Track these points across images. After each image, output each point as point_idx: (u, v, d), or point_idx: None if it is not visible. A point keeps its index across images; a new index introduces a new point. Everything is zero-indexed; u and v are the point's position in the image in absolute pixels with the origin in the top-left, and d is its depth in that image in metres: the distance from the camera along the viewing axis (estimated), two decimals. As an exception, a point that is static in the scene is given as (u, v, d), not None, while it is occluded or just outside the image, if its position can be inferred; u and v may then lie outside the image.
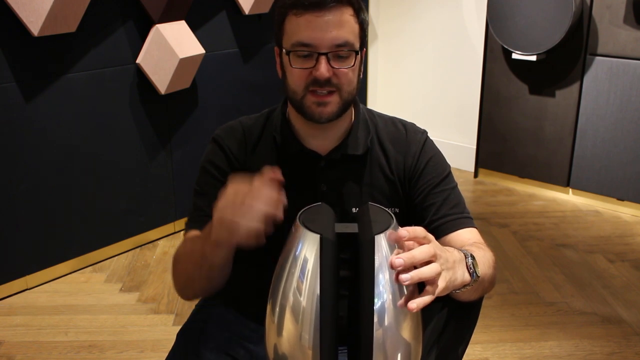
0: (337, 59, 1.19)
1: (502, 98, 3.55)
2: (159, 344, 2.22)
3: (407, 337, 0.99)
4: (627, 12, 3.04)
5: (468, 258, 1.08)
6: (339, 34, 1.18)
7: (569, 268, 2.73)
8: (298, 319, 0.98)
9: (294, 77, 1.22)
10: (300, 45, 1.19)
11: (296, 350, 0.98)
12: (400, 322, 0.98)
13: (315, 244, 0.97)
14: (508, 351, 2.18)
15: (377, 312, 0.95)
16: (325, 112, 1.22)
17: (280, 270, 1.02)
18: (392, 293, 0.96)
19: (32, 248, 2.56)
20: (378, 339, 0.96)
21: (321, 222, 1.03)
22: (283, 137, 1.31)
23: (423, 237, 0.99)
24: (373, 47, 4.17)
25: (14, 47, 2.35)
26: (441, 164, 1.34)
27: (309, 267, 0.97)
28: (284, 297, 0.99)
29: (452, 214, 1.29)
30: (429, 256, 0.97)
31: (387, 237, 0.98)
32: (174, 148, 2.99)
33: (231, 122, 1.38)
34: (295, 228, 1.03)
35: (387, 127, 1.36)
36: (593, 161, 3.31)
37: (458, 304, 1.18)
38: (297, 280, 0.98)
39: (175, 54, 2.71)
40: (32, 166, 2.50)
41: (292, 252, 1.00)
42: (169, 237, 3.07)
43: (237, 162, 1.32)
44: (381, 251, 0.97)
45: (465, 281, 1.06)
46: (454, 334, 1.21)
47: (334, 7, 1.17)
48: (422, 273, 0.95)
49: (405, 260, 0.94)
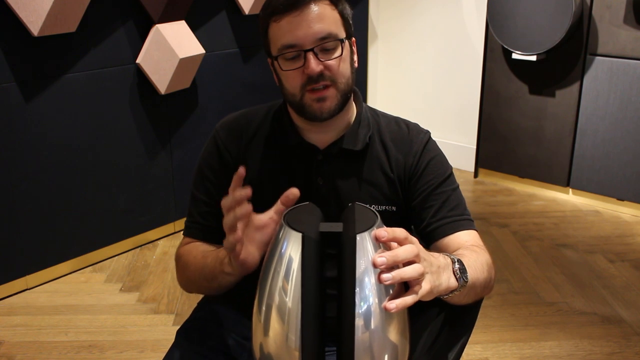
0: (324, 52, 1.21)
1: (502, 98, 3.55)
2: (159, 344, 2.22)
3: (394, 338, 0.98)
4: (627, 12, 3.04)
5: (455, 264, 1.07)
6: (321, 28, 1.19)
7: (569, 268, 2.73)
8: (284, 319, 0.97)
9: (289, 80, 1.23)
10: (285, 47, 1.21)
11: (283, 351, 0.98)
12: (386, 323, 0.96)
13: (299, 244, 0.97)
14: (508, 351, 2.18)
15: (363, 313, 0.94)
16: (325, 108, 1.23)
17: (266, 269, 1.01)
18: (377, 294, 0.95)
19: (32, 248, 2.56)
20: (364, 341, 0.95)
21: (306, 221, 1.02)
22: (282, 130, 1.32)
23: (404, 237, 0.98)
24: (373, 47, 4.18)
25: (14, 47, 2.35)
26: (442, 165, 1.33)
27: (293, 267, 0.97)
28: (270, 297, 0.99)
29: (450, 216, 1.28)
30: (412, 255, 0.96)
31: (371, 237, 0.97)
32: (174, 148, 2.99)
33: (234, 113, 1.41)
34: (279, 227, 1.02)
35: (390, 125, 1.36)
36: (593, 161, 3.31)
37: (455, 310, 1.18)
38: (283, 280, 0.97)
39: (175, 54, 2.71)
40: (32, 166, 2.50)
41: (277, 251, 0.99)
42: (169, 237, 3.07)
43: (231, 158, 1.34)
44: (365, 251, 0.95)
45: (451, 286, 1.05)
46: (447, 339, 1.20)
47: (309, 3, 1.20)
48: (404, 273, 0.94)
49: (387, 259, 0.93)
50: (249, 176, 1.32)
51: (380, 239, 0.96)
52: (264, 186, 1.31)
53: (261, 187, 1.31)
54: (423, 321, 1.19)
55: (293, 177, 1.31)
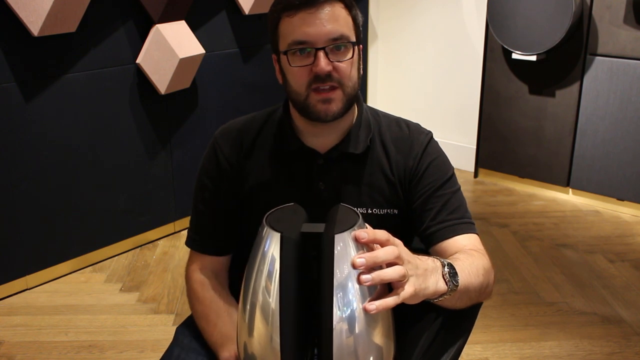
0: (335, 52, 1.19)
1: (502, 98, 3.55)
2: (159, 344, 2.22)
3: (377, 340, 0.97)
4: (627, 12, 3.04)
5: (445, 267, 1.06)
6: (334, 28, 1.18)
7: (569, 268, 2.73)
8: (268, 320, 0.96)
9: (295, 77, 1.21)
10: (296, 43, 1.18)
11: (267, 351, 0.96)
12: (368, 325, 0.95)
13: (278, 244, 0.96)
14: (508, 351, 2.18)
15: (346, 315, 0.93)
16: (330, 110, 1.21)
17: (249, 269, 1.00)
18: (359, 296, 0.94)
19: (32, 248, 2.56)
20: (348, 344, 0.93)
21: (288, 221, 1.02)
22: (282, 135, 1.31)
23: (385, 239, 0.96)
24: (373, 47, 4.18)
25: (14, 47, 2.35)
26: (443, 167, 1.32)
27: (276, 267, 0.96)
28: (253, 297, 0.98)
29: (450, 219, 1.26)
30: (392, 257, 0.95)
31: (351, 237, 0.96)
32: (174, 148, 2.99)
33: (232, 121, 1.39)
34: (261, 227, 1.01)
35: (391, 127, 1.35)
36: (593, 161, 3.31)
37: (452, 315, 1.17)
38: (266, 280, 0.97)
39: (175, 54, 2.71)
40: (32, 166, 2.50)
41: (260, 251, 0.99)
42: (169, 237, 3.07)
43: (230, 166, 1.33)
44: (346, 252, 0.94)
45: (439, 290, 1.04)
46: (442, 343, 1.19)
47: (325, 2, 1.18)
48: (384, 274, 0.93)
49: (367, 260, 0.92)
50: (250, 184, 1.32)
51: (359, 240, 0.95)
52: (265, 193, 1.30)
53: (262, 194, 1.30)
54: (420, 325, 1.18)
55: (294, 183, 1.30)
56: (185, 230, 1.57)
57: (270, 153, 1.32)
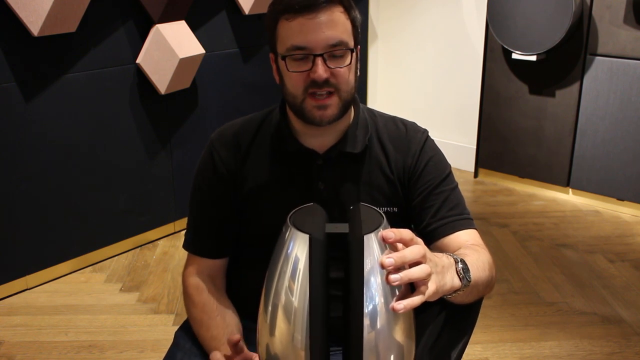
0: (333, 58, 1.19)
1: (502, 98, 3.55)
2: (159, 344, 2.22)
3: (400, 339, 0.98)
4: (627, 12, 3.04)
5: (458, 263, 1.07)
6: (333, 34, 1.18)
7: (569, 268, 2.73)
8: (290, 319, 0.97)
9: (292, 82, 1.21)
10: (295, 49, 1.18)
11: (289, 350, 0.98)
12: (392, 324, 0.97)
13: (305, 245, 0.97)
14: (508, 351, 2.18)
15: (370, 313, 0.95)
16: (326, 116, 1.21)
17: (272, 270, 1.01)
18: (384, 294, 0.95)
19: (32, 248, 2.56)
20: (370, 341, 0.95)
21: (312, 222, 1.02)
22: (280, 136, 1.31)
23: (410, 239, 0.98)
24: (373, 47, 4.18)
25: (14, 47, 2.35)
26: (441, 164, 1.33)
27: (300, 267, 0.97)
28: (276, 297, 0.99)
29: (450, 216, 1.28)
30: (419, 256, 0.96)
31: (377, 237, 0.97)
32: (174, 148, 2.99)
33: (228, 123, 1.39)
34: (285, 228, 1.02)
35: (388, 126, 1.35)
36: (593, 161, 3.31)
37: (456, 309, 1.18)
38: (289, 281, 0.98)
39: (175, 54, 2.71)
40: (32, 166, 2.50)
41: (284, 252, 1.00)
42: (169, 237, 3.07)
43: (227, 169, 1.33)
44: (372, 252, 0.96)
45: (455, 286, 1.05)
46: (449, 339, 1.20)
47: (324, 7, 1.17)
48: (412, 273, 0.94)
49: (395, 260, 0.93)
50: (249, 186, 1.32)
51: (387, 240, 0.96)
52: (265, 195, 1.31)
53: (262, 196, 1.30)
54: (423, 320, 1.18)
55: (293, 184, 1.30)
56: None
57: (269, 154, 1.32)
